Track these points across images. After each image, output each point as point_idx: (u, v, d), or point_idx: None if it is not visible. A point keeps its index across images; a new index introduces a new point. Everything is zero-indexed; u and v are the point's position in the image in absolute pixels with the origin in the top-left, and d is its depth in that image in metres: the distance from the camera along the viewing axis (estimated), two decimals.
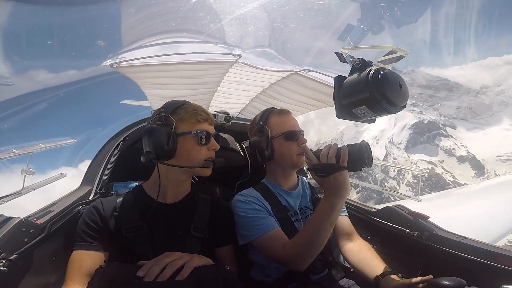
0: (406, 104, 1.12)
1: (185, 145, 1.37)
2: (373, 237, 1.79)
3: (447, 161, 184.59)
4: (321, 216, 1.29)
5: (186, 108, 1.41)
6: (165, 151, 1.31)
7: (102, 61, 2.08)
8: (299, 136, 1.64)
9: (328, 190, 1.28)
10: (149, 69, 2.33)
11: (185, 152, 1.36)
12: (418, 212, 1.64)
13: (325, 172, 1.24)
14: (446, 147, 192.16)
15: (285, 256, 1.36)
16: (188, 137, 1.37)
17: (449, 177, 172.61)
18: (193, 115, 1.40)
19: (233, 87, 2.83)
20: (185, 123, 1.38)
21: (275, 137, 1.63)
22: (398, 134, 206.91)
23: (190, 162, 1.38)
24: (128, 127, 2.59)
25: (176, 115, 1.38)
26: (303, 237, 1.33)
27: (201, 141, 1.38)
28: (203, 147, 1.40)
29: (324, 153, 1.28)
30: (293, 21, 2.29)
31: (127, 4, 1.82)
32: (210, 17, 2.04)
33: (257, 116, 1.74)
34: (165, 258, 1.05)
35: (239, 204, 1.54)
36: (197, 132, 1.38)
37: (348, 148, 1.26)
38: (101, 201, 1.38)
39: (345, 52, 1.21)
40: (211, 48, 2.29)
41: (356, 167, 1.25)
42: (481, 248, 1.35)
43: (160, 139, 1.31)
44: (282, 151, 1.62)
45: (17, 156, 1.80)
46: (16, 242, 1.24)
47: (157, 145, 1.30)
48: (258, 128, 1.68)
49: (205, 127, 1.42)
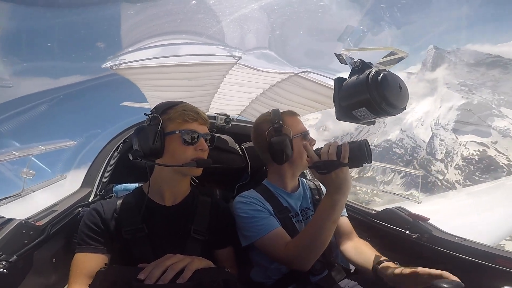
0: (406, 106, 1.13)
1: (171, 145, 1.37)
2: (373, 239, 1.79)
3: (501, 142, 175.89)
4: (323, 214, 1.30)
5: (176, 108, 1.42)
6: (151, 149, 1.33)
7: (102, 63, 2.09)
8: (309, 136, 1.68)
9: (330, 187, 1.29)
10: (149, 70, 2.34)
11: (171, 151, 1.37)
12: (418, 214, 1.64)
13: (326, 169, 1.26)
14: (500, 128, 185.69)
15: (288, 256, 1.35)
16: (174, 136, 1.37)
17: (503, 159, 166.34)
18: (181, 115, 1.40)
19: (233, 89, 2.83)
20: (173, 122, 1.39)
21: (296, 137, 1.63)
22: (445, 115, 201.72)
23: (175, 162, 1.37)
24: (127, 129, 2.60)
25: (166, 114, 1.39)
26: (306, 236, 1.34)
27: (186, 140, 1.38)
28: (189, 147, 1.39)
29: (324, 151, 1.29)
30: (293, 22, 2.30)
31: (127, 5, 1.82)
32: (209, 18, 2.04)
33: (268, 117, 1.71)
34: (166, 260, 1.05)
35: (240, 206, 1.54)
36: (181, 132, 1.38)
37: (349, 145, 1.27)
38: (102, 203, 1.38)
39: (345, 54, 1.21)
40: (211, 50, 2.29)
41: (357, 164, 1.27)
42: (481, 250, 1.35)
43: (146, 137, 1.32)
44: (300, 150, 1.62)
45: (17, 158, 1.80)
46: (16, 243, 1.24)
47: (144, 144, 1.33)
48: (275, 128, 1.64)
49: (193, 126, 1.42)
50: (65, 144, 2.50)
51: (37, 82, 2.16)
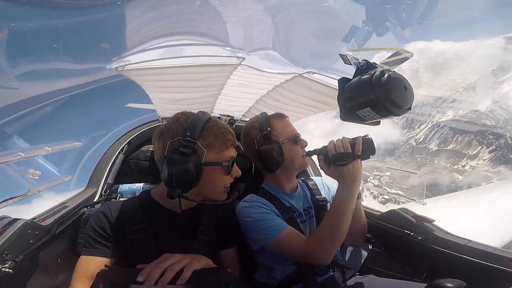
0: (411, 106, 1.12)
1: (212, 176, 1.27)
2: (377, 239, 1.78)
3: None
4: (342, 205, 1.35)
5: (213, 129, 1.26)
6: (194, 184, 1.21)
7: (107, 64, 2.09)
8: (300, 138, 1.66)
9: (348, 178, 1.35)
10: (153, 72, 2.34)
11: (210, 182, 1.28)
12: (423, 215, 1.63)
13: (346, 160, 1.33)
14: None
15: (311, 251, 1.37)
16: (216, 167, 1.27)
17: None
18: (223, 141, 1.27)
19: (237, 89, 2.83)
20: (213, 150, 1.25)
21: (285, 142, 1.62)
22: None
23: (213, 192, 1.33)
24: (132, 130, 2.61)
25: (203, 139, 1.24)
26: (327, 229, 1.36)
27: (229, 171, 1.30)
28: (228, 176, 1.32)
29: (339, 145, 1.36)
30: (298, 23, 2.29)
31: (132, 6, 1.83)
32: (214, 19, 2.05)
33: (256, 123, 1.70)
34: (165, 261, 1.04)
35: (246, 210, 1.53)
36: (228, 164, 1.28)
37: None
38: (109, 206, 1.36)
39: (349, 54, 1.21)
40: (215, 51, 2.30)
41: (366, 156, 1.38)
42: (487, 252, 1.34)
43: (188, 173, 1.16)
44: (291, 155, 1.63)
45: (23, 159, 1.81)
46: (21, 243, 1.25)
47: (185, 179, 1.17)
48: (263, 135, 1.63)
49: (232, 152, 1.32)
50: (71, 145, 2.52)
51: (42, 83, 2.18)
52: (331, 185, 1.87)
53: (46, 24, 1.78)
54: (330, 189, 1.85)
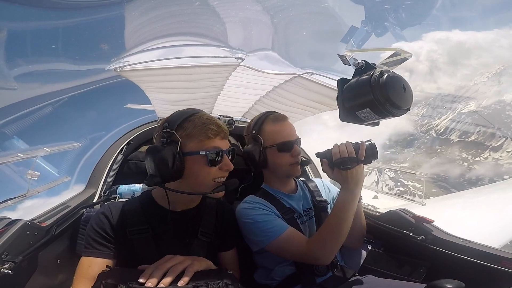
0: (411, 107, 1.12)
1: (194, 166, 1.26)
2: (376, 240, 1.78)
3: None
4: (344, 207, 1.37)
5: (194, 121, 1.28)
6: (170, 173, 1.21)
7: (106, 64, 2.09)
8: (293, 146, 1.62)
9: (351, 182, 1.37)
10: (152, 72, 2.34)
11: (193, 173, 1.27)
12: (422, 216, 1.63)
13: (351, 164, 1.36)
14: None
15: (313, 251, 1.38)
16: (196, 157, 1.25)
17: None
18: (202, 130, 1.26)
19: (236, 90, 2.83)
20: (193, 140, 1.26)
21: (268, 147, 1.61)
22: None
23: (198, 184, 1.30)
24: (131, 130, 2.61)
25: (183, 130, 1.26)
26: (329, 230, 1.38)
27: (211, 161, 1.27)
28: (213, 168, 1.29)
29: (343, 149, 1.38)
30: (297, 24, 2.30)
31: (131, 7, 1.83)
32: (213, 20, 2.05)
33: (252, 122, 1.71)
34: (166, 262, 1.05)
35: (246, 212, 1.53)
36: (206, 153, 1.25)
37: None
38: (109, 207, 1.35)
39: (349, 55, 1.21)
40: (214, 52, 2.30)
41: (369, 161, 1.40)
42: (486, 252, 1.34)
43: (164, 160, 1.19)
44: (275, 161, 1.62)
45: (22, 159, 1.81)
46: (21, 244, 1.25)
47: (162, 168, 1.19)
48: (252, 136, 1.66)
49: (216, 143, 1.29)
50: (70, 146, 2.51)
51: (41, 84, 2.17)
52: (332, 187, 1.88)
53: (45, 25, 1.78)
54: (331, 191, 1.85)
